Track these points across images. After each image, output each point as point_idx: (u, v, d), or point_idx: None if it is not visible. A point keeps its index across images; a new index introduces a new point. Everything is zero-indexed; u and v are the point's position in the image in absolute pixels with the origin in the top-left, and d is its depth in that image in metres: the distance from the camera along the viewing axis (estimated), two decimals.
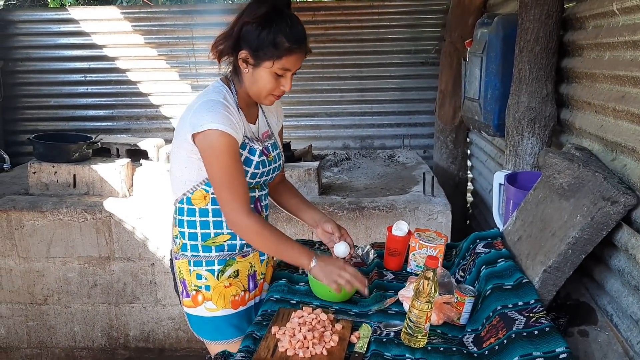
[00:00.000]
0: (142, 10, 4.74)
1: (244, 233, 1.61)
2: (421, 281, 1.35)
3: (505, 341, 1.31)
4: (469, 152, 4.39)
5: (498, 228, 2.03)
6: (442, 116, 4.26)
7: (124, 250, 3.06)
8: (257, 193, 1.73)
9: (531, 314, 1.37)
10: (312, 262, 1.58)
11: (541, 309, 1.39)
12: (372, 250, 1.96)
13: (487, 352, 1.34)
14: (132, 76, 4.75)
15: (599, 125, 1.84)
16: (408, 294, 1.53)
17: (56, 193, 3.18)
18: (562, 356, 1.22)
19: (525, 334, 1.30)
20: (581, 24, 2.13)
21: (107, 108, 4.84)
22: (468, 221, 4.46)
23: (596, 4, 1.95)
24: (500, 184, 2.19)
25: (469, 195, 4.52)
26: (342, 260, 1.66)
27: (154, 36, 4.67)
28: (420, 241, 1.78)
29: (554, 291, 1.50)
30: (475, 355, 1.35)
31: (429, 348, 1.38)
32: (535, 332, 1.30)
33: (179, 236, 1.72)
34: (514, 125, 2.35)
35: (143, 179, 3.12)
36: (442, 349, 1.37)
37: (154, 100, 4.79)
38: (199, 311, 1.71)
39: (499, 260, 1.64)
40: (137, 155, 3.68)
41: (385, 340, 1.40)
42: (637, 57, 1.63)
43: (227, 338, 1.72)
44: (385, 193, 3.26)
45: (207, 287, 1.70)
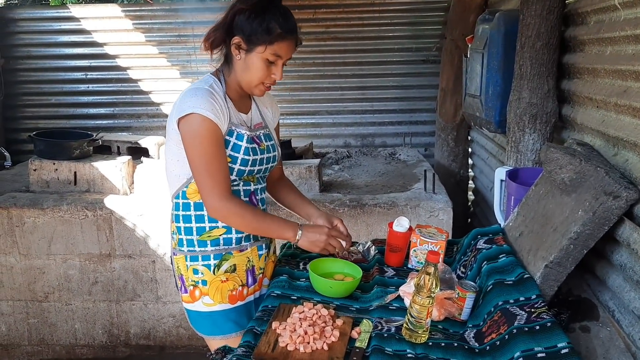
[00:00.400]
0: (143, 8, 4.73)
1: (225, 217, 1.62)
2: (422, 276, 1.35)
3: (506, 336, 1.30)
4: (470, 150, 4.38)
5: (499, 224, 2.03)
6: (443, 114, 4.25)
7: (124, 248, 3.06)
8: (252, 186, 1.73)
9: (533, 309, 1.36)
10: (298, 234, 1.64)
11: (543, 304, 1.38)
12: (373, 247, 1.96)
13: (488, 347, 1.33)
14: (133, 74, 4.75)
15: (600, 121, 1.83)
16: (409, 289, 1.52)
17: (57, 190, 3.17)
18: (563, 351, 1.22)
19: (526, 329, 1.30)
20: (583, 19, 2.13)
21: (108, 106, 4.84)
22: (469, 219, 4.46)
23: None
24: (501, 180, 2.19)
25: (470, 193, 4.51)
26: (327, 227, 1.70)
27: (154, 34, 4.68)
28: (422, 237, 1.78)
29: (555, 286, 1.50)
30: (476, 350, 1.34)
31: (430, 343, 1.37)
32: (537, 327, 1.30)
33: (176, 232, 1.72)
34: (515, 121, 2.35)
35: (144, 176, 3.13)
36: (443, 345, 1.37)
37: (154, 98, 4.79)
38: (196, 306, 1.71)
39: (500, 256, 1.63)
40: (137, 152, 3.68)
41: (386, 335, 1.40)
42: (639, 51, 1.62)
43: (225, 333, 1.71)
44: (386, 190, 3.26)
45: (204, 282, 1.70)
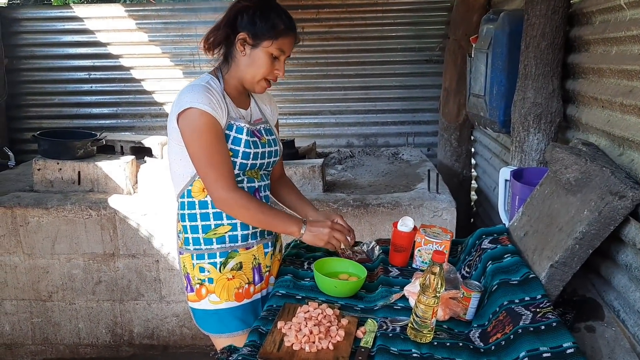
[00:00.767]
0: (146, 8, 4.73)
1: (231, 208, 1.62)
2: (427, 276, 1.35)
3: (511, 336, 1.30)
4: (473, 150, 4.38)
5: (503, 224, 2.03)
6: (447, 114, 4.25)
7: (128, 247, 3.07)
8: (256, 183, 1.74)
9: (538, 309, 1.36)
10: (302, 229, 1.65)
11: (548, 304, 1.38)
12: (378, 247, 1.95)
13: (493, 347, 1.33)
14: (136, 74, 4.75)
15: (606, 121, 1.83)
16: (414, 289, 1.52)
17: (61, 190, 3.18)
18: (569, 351, 1.21)
19: (532, 329, 1.29)
20: (588, 19, 2.12)
21: (111, 106, 4.84)
22: (472, 219, 4.45)
23: None
24: (506, 180, 2.19)
25: (473, 193, 4.51)
26: (330, 221, 1.70)
27: (158, 34, 4.68)
28: (426, 237, 1.78)
29: (560, 286, 1.49)
30: (481, 350, 1.34)
31: (435, 343, 1.37)
32: (542, 327, 1.30)
33: (182, 231, 1.73)
34: (519, 121, 2.35)
35: (147, 176, 3.13)
36: (448, 344, 1.36)
37: (158, 98, 4.79)
38: (203, 305, 1.72)
39: (505, 256, 1.63)
40: (141, 152, 3.68)
41: (391, 335, 1.40)
42: None
43: (232, 331, 1.72)
44: (389, 190, 3.26)
45: (210, 280, 1.70)
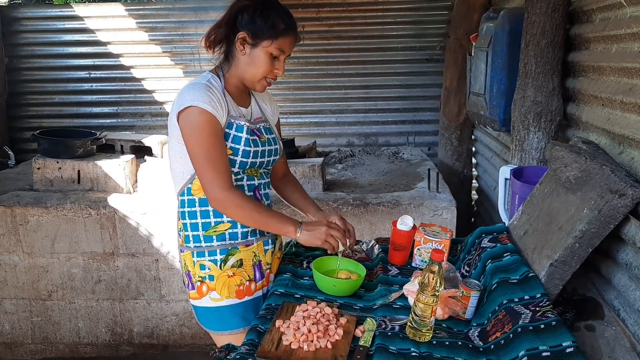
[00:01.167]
0: (146, 7, 4.73)
1: (226, 207, 1.62)
2: (426, 275, 1.34)
3: (511, 335, 1.30)
4: (473, 149, 4.37)
5: (503, 223, 2.02)
6: (447, 113, 4.24)
7: (128, 246, 3.06)
8: (256, 181, 1.74)
9: (537, 308, 1.36)
10: (298, 229, 1.64)
11: (547, 303, 1.38)
12: (377, 245, 1.95)
13: (492, 346, 1.32)
14: (136, 73, 4.75)
15: (606, 119, 1.82)
16: (413, 288, 1.52)
17: (60, 189, 3.18)
18: (568, 350, 1.21)
19: (531, 327, 1.29)
20: (588, 17, 2.11)
21: (112, 105, 4.84)
22: (472, 218, 4.45)
23: None
24: (506, 179, 2.18)
25: (473, 192, 4.50)
26: (326, 221, 1.71)
27: (158, 33, 4.68)
28: (426, 236, 1.77)
29: (560, 285, 1.49)
30: (480, 349, 1.34)
31: (434, 342, 1.36)
32: (542, 326, 1.29)
33: (183, 229, 1.73)
34: (520, 119, 2.34)
35: (147, 175, 3.13)
36: (447, 343, 1.36)
37: (158, 97, 4.79)
38: (204, 302, 1.72)
39: (505, 255, 1.62)
40: (141, 151, 3.68)
41: (390, 334, 1.39)
42: None
43: (233, 328, 1.72)
44: (389, 189, 3.25)
45: (211, 277, 1.70)
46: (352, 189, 3.26)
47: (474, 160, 4.39)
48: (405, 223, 1.80)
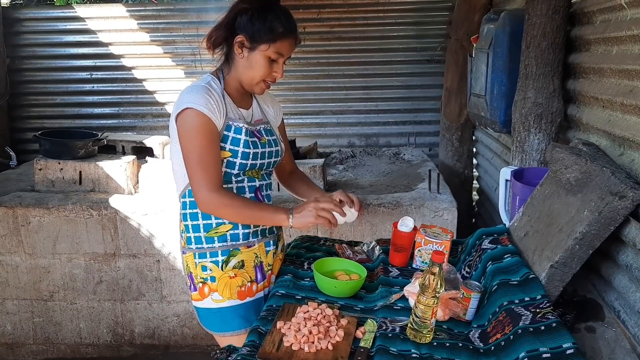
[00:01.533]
0: (147, 8, 4.74)
1: (216, 208, 1.61)
2: (427, 276, 1.35)
3: (511, 337, 1.30)
4: (474, 150, 4.37)
5: (504, 224, 2.02)
6: (448, 114, 4.24)
7: (129, 247, 3.07)
8: (257, 182, 1.74)
9: (538, 310, 1.36)
10: (290, 217, 1.61)
11: (548, 304, 1.38)
12: (378, 246, 1.96)
13: (493, 347, 1.33)
14: (137, 74, 4.76)
15: (606, 120, 1.82)
16: (414, 289, 1.52)
17: (62, 190, 3.18)
18: (569, 352, 1.21)
19: (531, 329, 1.29)
20: (588, 19, 2.12)
21: (113, 106, 4.85)
22: (473, 219, 4.45)
23: None
24: (506, 180, 2.18)
25: (474, 193, 4.50)
26: (313, 198, 1.68)
27: (159, 34, 4.69)
28: (426, 237, 1.77)
29: (560, 287, 1.49)
30: (481, 350, 1.34)
31: (434, 343, 1.37)
32: (542, 327, 1.29)
33: (185, 230, 1.73)
34: (520, 121, 2.34)
35: (148, 175, 3.13)
36: (447, 345, 1.36)
37: (159, 98, 4.80)
38: (206, 303, 1.73)
39: (505, 256, 1.63)
40: (142, 152, 3.68)
41: (390, 335, 1.40)
42: None
43: (235, 329, 1.73)
44: (390, 190, 3.25)
45: (213, 279, 1.71)
46: (353, 190, 3.27)
47: (474, 161, 4.39)
48: (406, 224, 1.81)
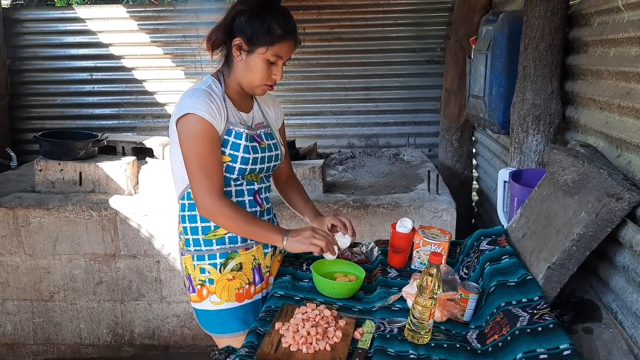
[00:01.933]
0: (148, 9, 4.75)
1: (215, 215, 1.62)
2: (425, 277, 1.35)
3: (509, 338, 1.31)
4: (474, 150, 4.38)
5: (502, 225, 2.03)
6: (448, 115, 4.25)
7: (129, 248, 3.08)
8: (256, 185, 1.74)
9: (535, 311, 1.37)
10: (284, 238, 1.62)
11: (545, 305, 1.39)
12: (376, 248, 1.96)
13: (490, 348, 1.33)
14: (138, 75, 4.77)
15: (604, 122, 1.83)
16: (412, 290, 1.53)
17: (62, 190, 3.19)
18: (566, 353, 1.22)
19: (529, 330, 1.30)
20: (586, 21, 2.12)
21: (113, 106, 4.86)
22: (473, 220, 4.45)
23: (601, 0, 1.94)
24: (504, 182, 2.19)
25: (474, 193, 4.51)
26: (311, 226, 1.70)
27: (159, 35, 4.70)
28: (425, 238, 1.78)
29: (558, 288, 1.50)
30: (478, 351, 1.35)
31: (432, 344, 1.37)
32: (539, 328, 1.30)
33: (183, 232, 1.74)
34: (518, 122, 2.35)
35: (148, 176, 3.14)
36: (445, 346, 1.37)
37: (159, 98, 4.81)
38: (204, 305, 1.73)
39: (503, 257, 1.63)
40: (142, 153, 3.69)
41: (388, 336, 1.40)
42: None
43: (233, 331, 1.73)
44: (390, 191, 3.26)
45: (211, 281, 1.71)
46: (352, 191, 3.27)
47: (474, 162, 4.40)
48: (404, 226, 1.81)
